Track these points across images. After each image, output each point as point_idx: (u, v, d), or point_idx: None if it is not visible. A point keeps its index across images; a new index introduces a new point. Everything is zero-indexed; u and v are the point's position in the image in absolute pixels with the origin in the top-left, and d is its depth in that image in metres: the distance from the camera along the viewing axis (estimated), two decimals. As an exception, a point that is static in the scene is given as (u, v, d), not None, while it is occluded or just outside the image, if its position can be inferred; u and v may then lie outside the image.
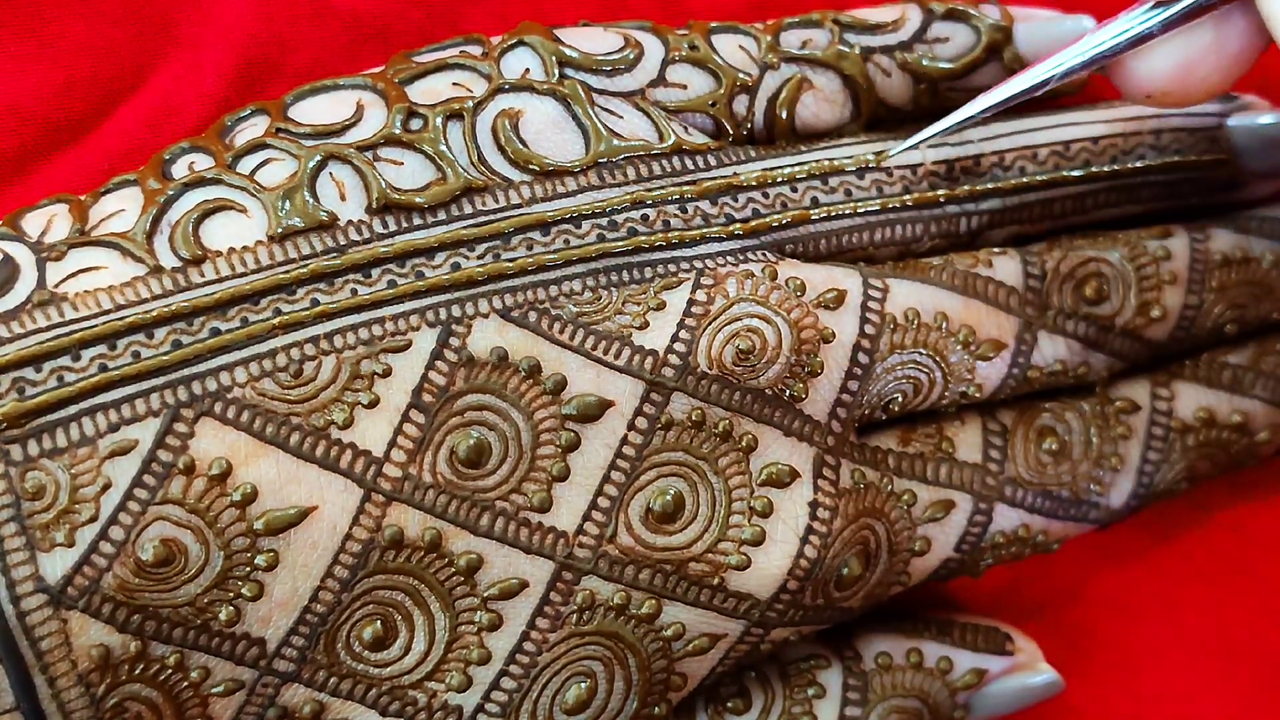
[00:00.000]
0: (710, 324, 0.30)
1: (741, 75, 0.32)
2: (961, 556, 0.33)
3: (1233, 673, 0.38)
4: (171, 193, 0.28)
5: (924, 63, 0.34)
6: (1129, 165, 0.34)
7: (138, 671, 0.27)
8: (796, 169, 0.32)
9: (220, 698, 0.28)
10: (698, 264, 0.30)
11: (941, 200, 0.33)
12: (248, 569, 0.27)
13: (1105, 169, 0.34)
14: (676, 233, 0.30)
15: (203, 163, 0.29)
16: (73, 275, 0.27)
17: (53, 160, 0.33)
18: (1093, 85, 0.36)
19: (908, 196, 0.33)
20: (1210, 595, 0.38)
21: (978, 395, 0.33)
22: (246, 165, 0.29)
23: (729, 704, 0.32)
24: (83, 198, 0.29)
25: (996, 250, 0.33)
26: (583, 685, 0.30)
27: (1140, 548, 0.38)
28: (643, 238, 0.30)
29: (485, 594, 0.29)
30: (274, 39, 0.34)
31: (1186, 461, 0.35)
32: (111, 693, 0.27)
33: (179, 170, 0.29)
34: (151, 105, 0.34)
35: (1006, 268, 0.33)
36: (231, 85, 0.34)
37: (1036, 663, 0.34)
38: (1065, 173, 0.34)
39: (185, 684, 0.27)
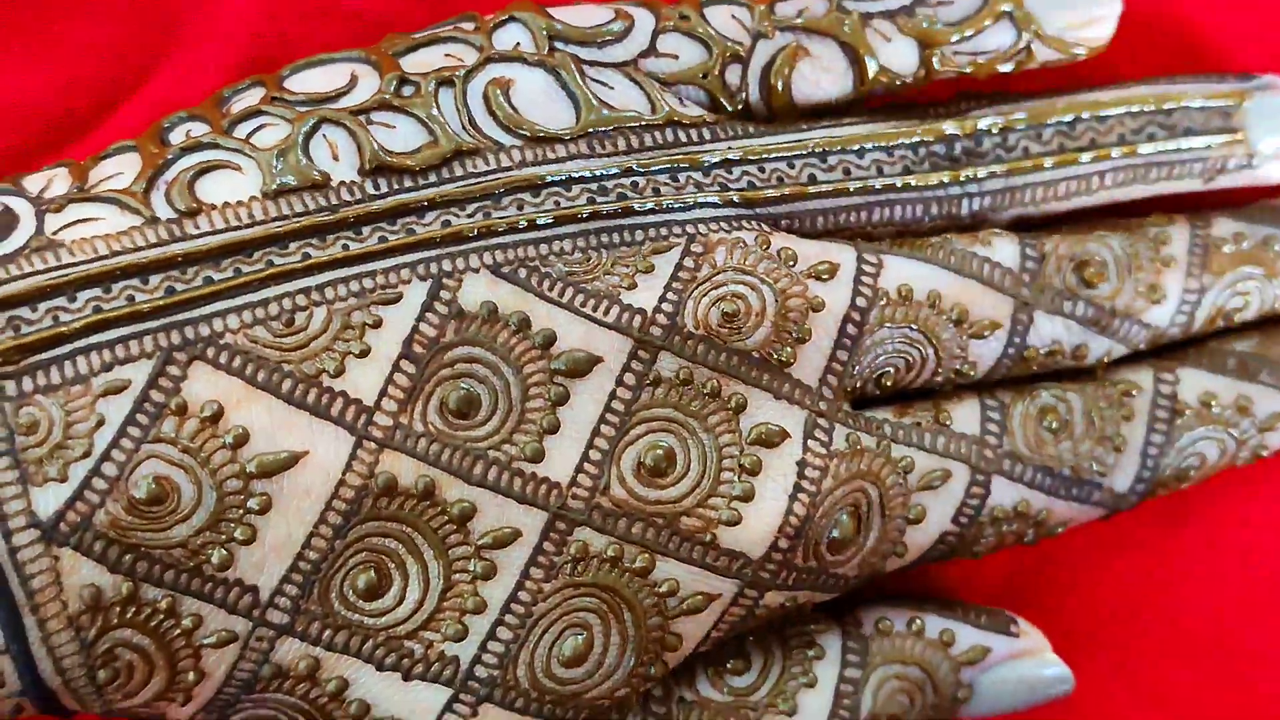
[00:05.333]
0: (697, 288, 0.30)
1: (732, 44, 0.32)
2: (959, 530, 0.32)
3: (1233, 673, 0.38)
4: (170, 156, 0.29)
5: (925, 25, 0.33)
6: (1137, 145, 0.34)
7: (129, 615, 0.27)
8: (794, 145, 0.32)
9: (214, 649, 0.28)
10: (689, 229, 0.30)
11: (945, 182, 0.33)
12: (240, 511, 0.27)
13: (1112, 149, 0.34)
14: (668, 198, 0.30)
15: (200, 130, 0.30)
16: (70, 225, 0.28)
17: (55, 159, 0.33)
18: (1089, 67, 0.36)
19: (910, 177, 0.33)
20: (1211, 595, 0.38)
21: (972, 374, 0.33)
22: (242, 130, 0.30)
23: (729, 665, 0.32)
24: (83, 162, 0.30)
25: (996, 231, 0.33)
26: (579, 638, 0.29)
27: (1141, 547, 0.38)
28: (633, 201, 0.30)
29: (479, 542, 0.29)
30: (277, 37, 0.35)
31: (1191, 446, 0.34)
32: (102, 637, 0.27)
33: (176, 137, 0.30)
34: (154, 103, 0.34)
35: (1004, 249, 0.33)
36: (233, 83, 0.34)
37: (1043, 651, 0.34)
38: (1070, 153, 0.34)
39: (177, 631, 0.27)
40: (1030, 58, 0.34)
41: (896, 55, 0.33)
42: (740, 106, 0.33)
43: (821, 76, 0.33)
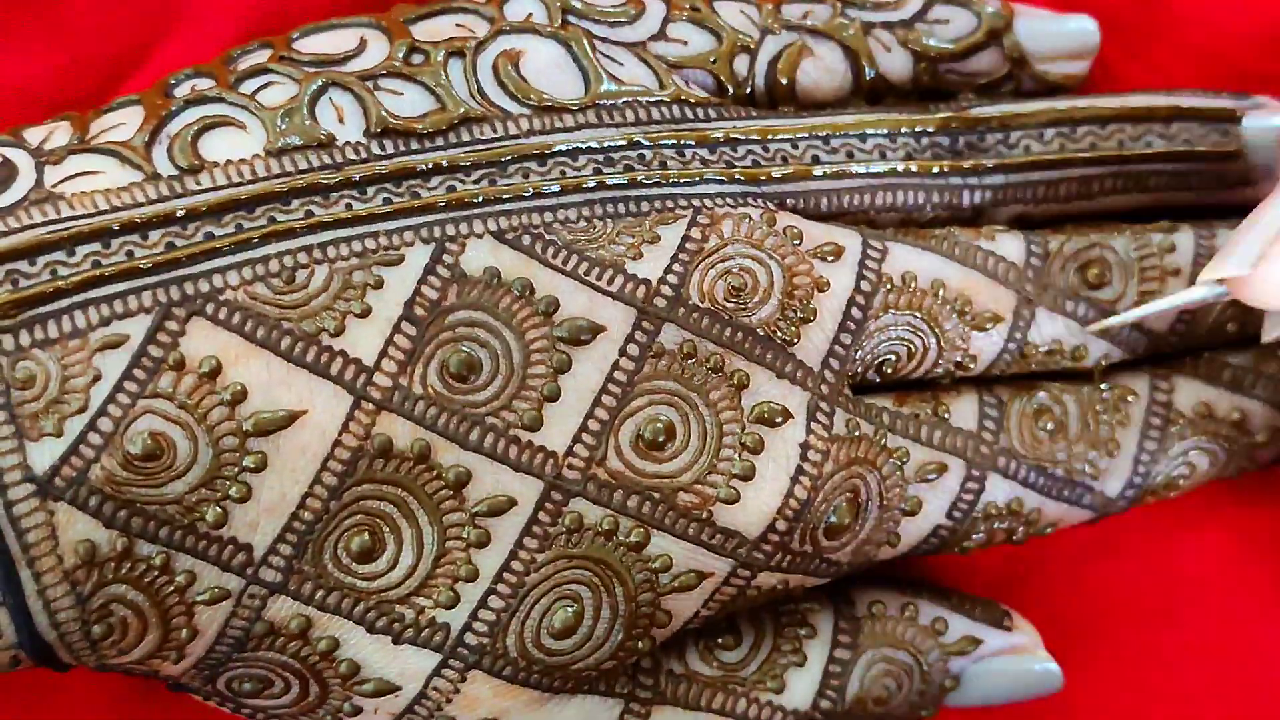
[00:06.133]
0: (703, 260, 0.30)
1: (742, 36, 0.33)
2: (953, 524, 0.32)
3: (1233, 673, 0.38)
4: (173, 109, 0.29)
5: (924, 41, 0.34)
6: (1135, 150, 0.34)
7: (123, 571, 0.27)
8: (798, 127, 0.32)
9: (206, 606, 0.28)
10: (695, 202, 0.30)
11: (946, 171, 0.33)
12: (236, 469, 0.27)
13: (1111, 152, 0.34)
14: (674, 172, 0.30)
15: (205, 85, 0.30)
16: (70, 178, 0.28)
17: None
18: (1095, 77, 0.36)
19: (911, 163, 0.33)
20: (1210, 595, 0.38)
21: (972, 367, 0.33)
22: (248, 87, 0.29)
23: (719, 640, 0.32)
24: (85, 115, 0.29)
25: (1000, 227, 0.33)
26: (570, 610, 0.29)
27: (1140, 547, 0.38)
28: (639, 173, 0.30)
29: (474, 510, 0.28)
30: (278, 13, 0.34)
31: (1183, 455, 0.34)
32: (97, 592, 0.27)
33: (182, 92, 0.30)
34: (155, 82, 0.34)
35: (1009, 244, 0.33)
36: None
37: (1036, 648, 0.34)
38: (1071, 153, 0.34)
39: (171, 588, 0.27)
40: (1014, 83, 0.35)
41: (893, 65, 0.34)
42: (745, 93, 0.33)
43: (823, 76, 0.33)
